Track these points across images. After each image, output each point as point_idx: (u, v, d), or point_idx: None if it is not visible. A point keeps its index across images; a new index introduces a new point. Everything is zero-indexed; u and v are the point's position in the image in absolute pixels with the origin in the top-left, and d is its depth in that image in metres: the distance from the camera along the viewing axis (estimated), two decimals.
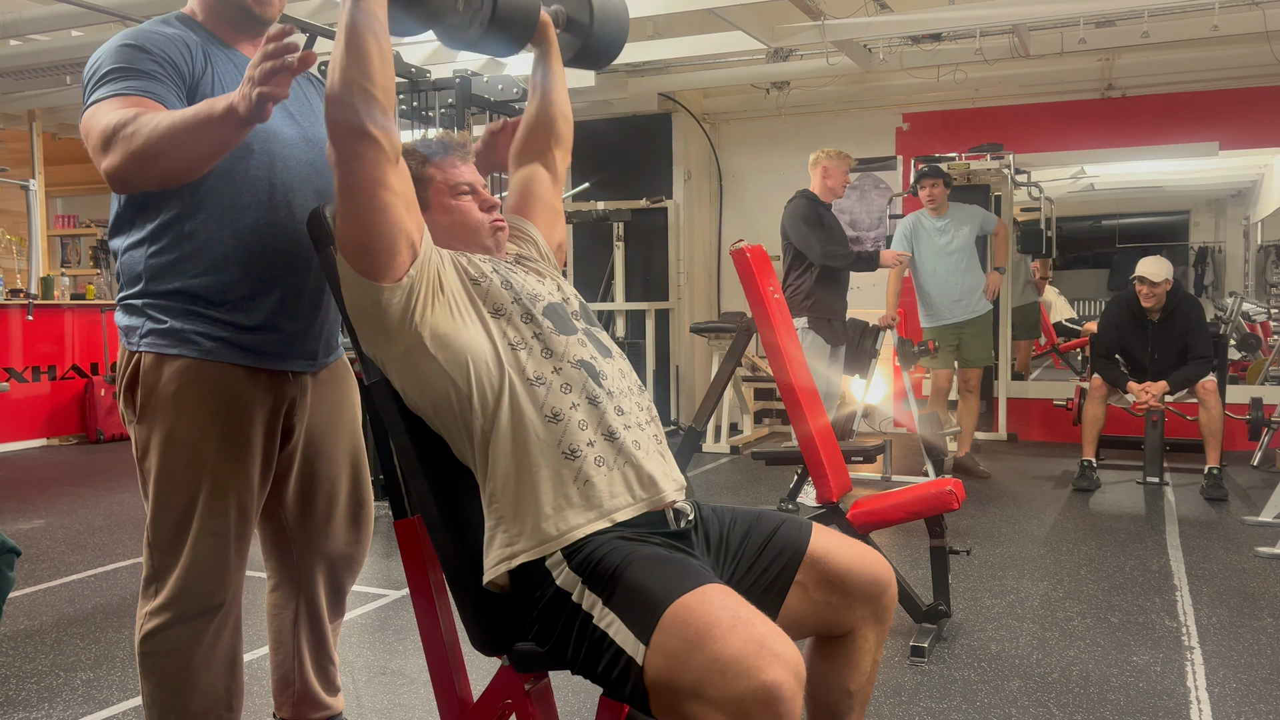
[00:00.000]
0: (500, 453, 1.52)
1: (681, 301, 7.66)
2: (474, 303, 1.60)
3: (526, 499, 1.50)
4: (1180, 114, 6.74)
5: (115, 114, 1.56)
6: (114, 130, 1.54)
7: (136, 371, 1.76)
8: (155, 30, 1.73)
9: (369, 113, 1.50)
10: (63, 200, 11.60)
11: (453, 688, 1.70)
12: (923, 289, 5.73)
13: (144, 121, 1.53)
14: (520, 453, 1.51)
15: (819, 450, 2.97)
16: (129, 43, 1.68)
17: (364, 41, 1.49)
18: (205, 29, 1.79)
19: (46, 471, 6.22)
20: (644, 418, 1.62)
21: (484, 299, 1.61)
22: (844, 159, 5.02)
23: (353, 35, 1.49)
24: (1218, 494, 4.92)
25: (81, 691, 2.67)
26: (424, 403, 1.58)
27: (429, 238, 1.62)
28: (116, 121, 1.54)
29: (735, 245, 3.03)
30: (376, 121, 1.50)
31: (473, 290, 1.62)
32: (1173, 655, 2.86)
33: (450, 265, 1.63)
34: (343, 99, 1.49)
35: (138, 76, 1.64)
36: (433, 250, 1.61)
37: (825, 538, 1.63)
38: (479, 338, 1.57)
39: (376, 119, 1.51)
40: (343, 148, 1.52)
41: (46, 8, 5.73)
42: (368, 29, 1.50)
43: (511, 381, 1.54)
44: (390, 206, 1.53)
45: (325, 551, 2.03)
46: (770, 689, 1.23)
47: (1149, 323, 5.20)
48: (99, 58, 1.69)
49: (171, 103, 1.64)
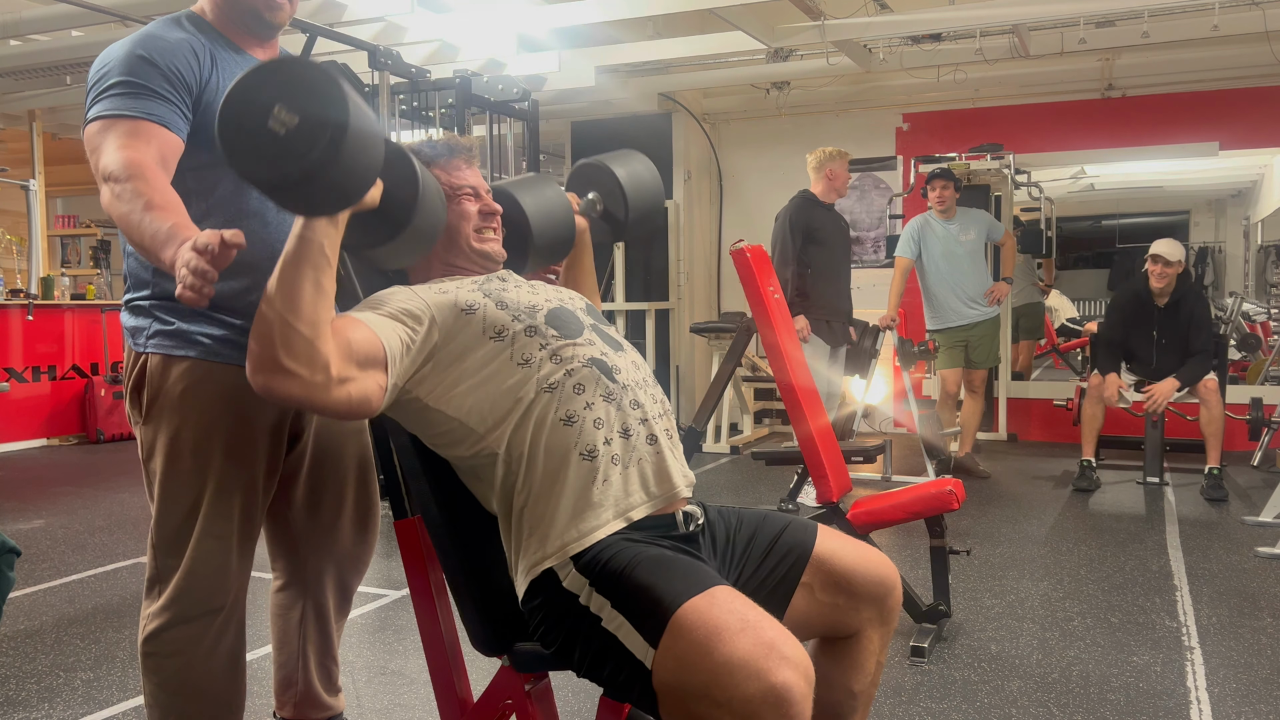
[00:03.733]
0: (518, 469, 1.52)
1: (681, 301, 7.66)
2: (476, 335, 1.57)
3: (548, 509, 1.49)
4: (1180, 114, 6.74)
5: (116, 159, 1.58)
6: (108, 178, 1.59)
7: (143, 372, 1.76)
8: (165, 37, 1.72)
9: (288, 349, 1.38)
10: (63, 200, 11.62)
11: (453, 688, 1.70)
12: (929, 291, 5.72)
13: (130, 196, 1.55)
14: (539, 461, 1.51)
15: (819, 450, 2.96)
16: (140, 53, 1.68)
17: (296, 280, 1.39)
18: (215, 29, 1.79)
19: (46, 471, 6.22)
20: (657, 410, 1.61)
21: (483, 328, 1.57)
22: (845, 157, 5.05)
23: (285, 272, 1.40)
24: (1218, 494, 4.91)
25: (81, 691, 2.67)
26: (438, 441, 1.59)
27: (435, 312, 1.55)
28: (114, 172, 1.58)
29: (735, 245, 3.03)
30: (297, 358, 1.38)
31: (468, 320, 1.57)
32: (1173, 655, 2.86)
33: (448, 311, 1.57)
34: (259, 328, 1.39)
35: (143, 95, 1.64)
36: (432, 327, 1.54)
37: (831, 539, 1.64)
38: (489, 387, 1.53)
39: (298, 355, 1.38)
40: (265, 374, 1.40)
41: (46, 8, 5.73)
42: (306, 260, 1.40)
43: (522, 401, 1.52)
44: (353, 393, 1.44)
45: (333, 552, 2.03)
46: (780, 691, 1.23)
47: (1155, 309, 5.18)
48: (107, 63, 1.69)
49: (174, 123, 1.66)
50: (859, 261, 7.38)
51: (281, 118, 1.32)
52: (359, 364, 1.45)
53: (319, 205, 1.40)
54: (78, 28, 6.00)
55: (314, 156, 1.31)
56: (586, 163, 2.01)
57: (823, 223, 4.97)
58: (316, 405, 1.43)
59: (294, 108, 1.32)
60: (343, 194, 1.40)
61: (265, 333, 1.39)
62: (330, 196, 1.39)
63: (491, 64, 5.90)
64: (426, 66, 5.08)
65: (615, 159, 1.98)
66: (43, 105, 7.99)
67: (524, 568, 1.51)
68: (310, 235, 1.41)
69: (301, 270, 1.40)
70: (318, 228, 1.41)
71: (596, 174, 1.98)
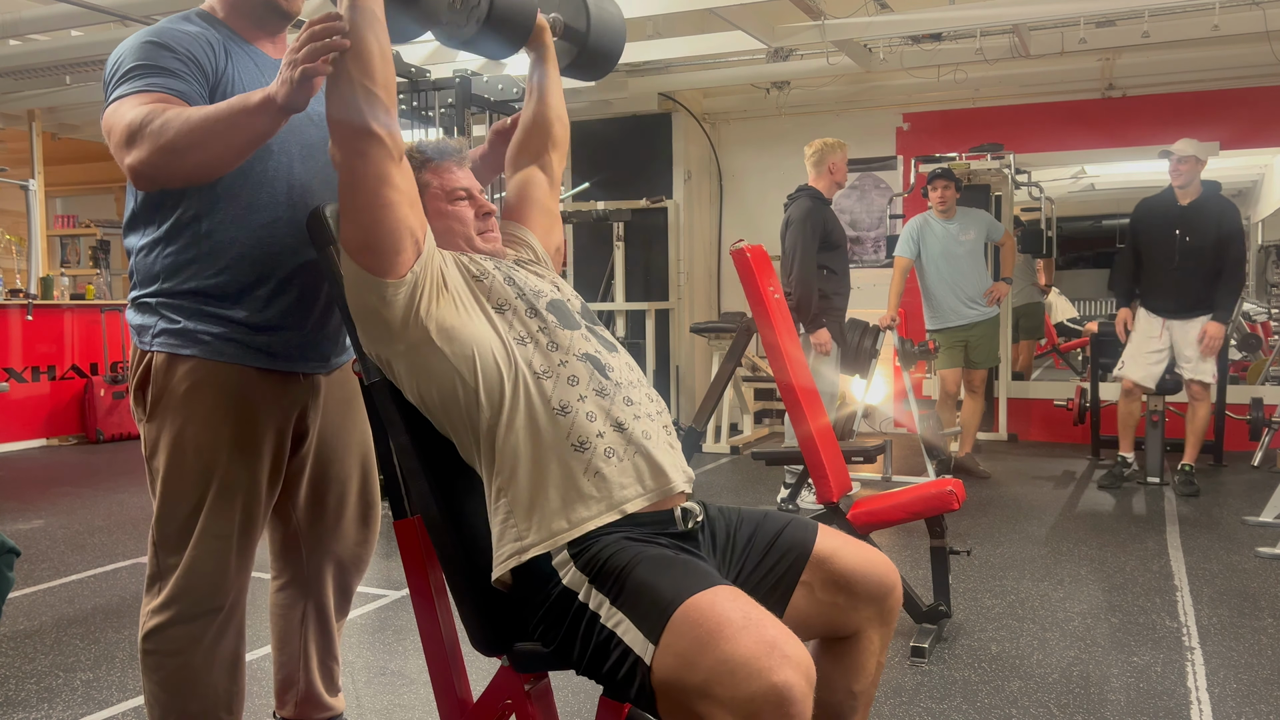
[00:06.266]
0: (508, 448, 1.52)
1: (681, 301, 7.65)
2: (477, 299, 1.61)
3: (537, 493, 1.50)
4: (1180, 114, 6.73)
5: (141, 109, 1.55)
6: (140, 125, 1.52)
7: (148, 370, 1.76)
8: (177, 28, 1.72)
9: (372, 111, 1.50)
10: (62, 200, 11.60)
11: (453, 688, 1.69)
12: (929, 291, 5.72)
13: (172, 116, 1.52)
14: (529, 446, 1.51)
15: (819, 450, 2.96)
16: (152, 40, 1.67)
17: (364, 40, 1.49)
18: (226, 26, 1.79)
19: (46, 471, 6.22)
20: (653, 409, 1.61)
21: (487, 295, 1.61)
22: (844, 147, 4.96)
23: (353, 35, 1.48)
24: (1189, 490, 5.00)
25: (81, 691, 2.67)
26: (430, 398, 1.58)
27: (431, 235, 1.62)
28: (143, 116, 1.53)
29: (735, 245, 3.03)
30: (379, 119, 1.51)
31: (475, 287, 1.62)
32: (1173, 656, 2.86)
33: (452, 263, 1.64)
34: (345, 97, 1.50)
35: (161, 74, 1.63)
36: (435, 249, 1.61)
37: (831, 539, 1.63)
38: (485, 331, 1.57)
39: (379, 117, 1.51)
40: (346, 146, 1.52)
41: (46, 8, 5.73)
42: (368, 28, 1.50)
43: (518, 375, 1.54)
44: (394, 204, 1.53)
45: (335, 552, 2.03)
46: (781, 690, 1.23)
47: (1177, 208, 4.99)
48: (120, 55, 1.68)
49: (195, 100, 1.63)
50: (859, 261, 7.38)
51: None
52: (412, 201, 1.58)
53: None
54: (78, 28, 5.99)
55: None
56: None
57: (832, 223, 4.94)
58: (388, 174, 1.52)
59: None
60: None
61: (348, 96, 1.49)
62: None
63: (491, 64, 5.90)
64: (426, 66, 5.08)
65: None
66: (42, 105, 7.99)
67: (508, 551, 1.51)
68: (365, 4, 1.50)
69: (365, 36, 1.49)
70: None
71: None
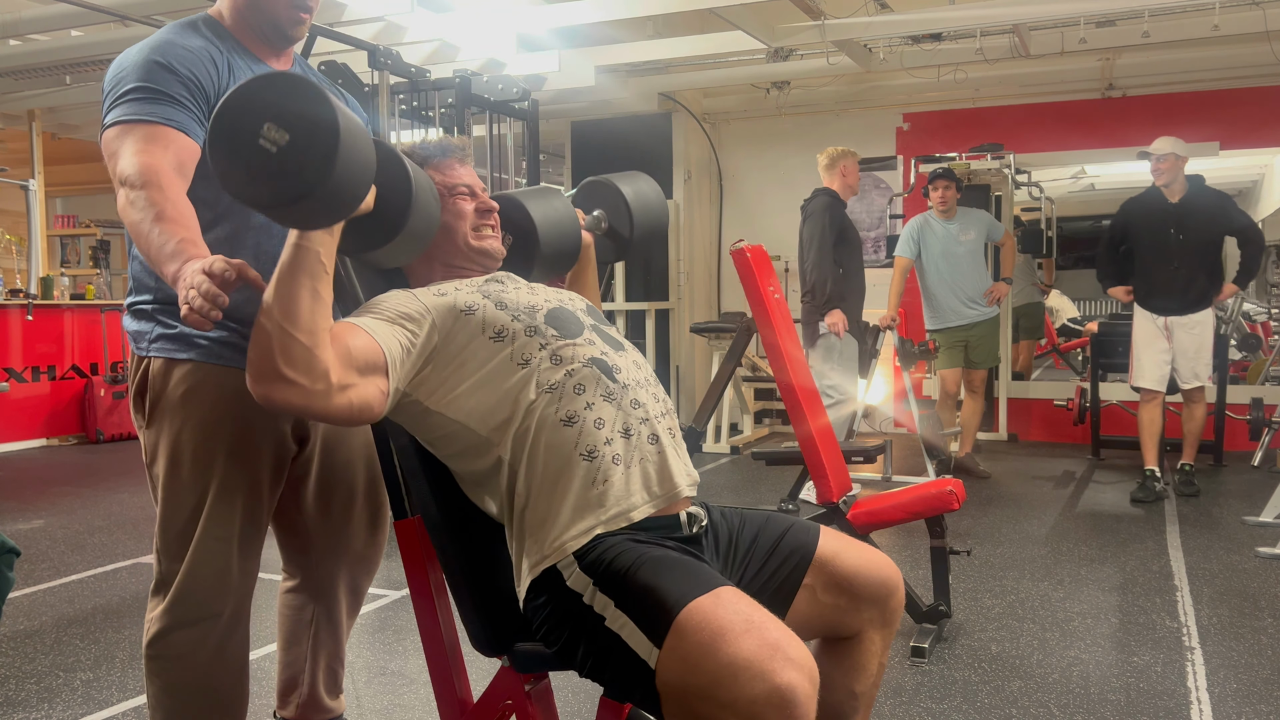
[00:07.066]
0: (519, 470, 1.52)
1: (681, 301, 7.65)
2: (475, 336, 1.56)
3: (550, 511, 1.49)
4: (1180, 114, 6.73)
5: (133, 164, 1.57)
6: (124, 183, 1.58)
7: (146, 376, 1.76)
8: (182, 42, 1.71)
9: (287, 359, 1.38)
10: (62, 200, 11.62)
11: (453, 688, 1.69)
12: (929, 291, 5.72)
13: (144, 205, 1.54)
14: (539, 465, 1.50)
15: (819, 450, 2.96)
16: (157, 59, 1.66)
17: (295, 284, 1.40)
18: (233, 37, 1.78)
19: (46, 471, 6.22)
20: (659, 409, 1.60)
21: (482, 328, 1.56)
22: (856, 156, 5.10)
23: (282, 277, 1.40)
24: (1189, 490, 4.99)
25: (81, 692, 2.67)
26: (436, 442, 1.59)
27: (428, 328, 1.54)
28: (130, 178, 1.57)
29: (735, 245, 3.03)
30: (296, 366, 1.38)
31: (467, 321, 1.57)
32: (1173, 656, 2.86)
33: (448, 315, 1.57)
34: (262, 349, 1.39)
35: (161, 101, 1.63)
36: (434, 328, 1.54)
37: (834, 540, 1.63)
38: (489, 387, 1.53)
39: (296, 364, 1.38)
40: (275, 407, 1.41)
41: (46, 8, 5.73)
42: (302, 269, 1.40)
43: (522, 403, 1.52)
44: (365, 408, 1.46)
45: (344, 554, 2.03)
46: (784, 692, 1.23)
47: (1169, 205, 4.97)
48: (123, 69, 1.67)
49: (192, 129, 1.64)
50: None
51: (272, 136, 1.31)
52: (359, 370, 1.45)
53: (314, 219, 1.39)
54: (77, 28, 6.00)
55: (307, 174, 1.30)
56: (594, 180, 2.04)
57: (847, 222, 5.01)
58: (318, 413, 1.42)
59: (284, 124, 1.31)
60: (338, 206, 1.39)
61: (264, 343, 1.39)
62: (325, 210, 1.38)
63: (491, 64, 5.90)
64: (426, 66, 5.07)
65: (623, 179, 2.02)
66: (42, 105, 8.00)
67: (526, 567, 1.51)
68: (306, 244, 1.41)
69: (298, 279, 1.40)
70: (313, 237, 1.42)
71: (603, 191, 2.01)
